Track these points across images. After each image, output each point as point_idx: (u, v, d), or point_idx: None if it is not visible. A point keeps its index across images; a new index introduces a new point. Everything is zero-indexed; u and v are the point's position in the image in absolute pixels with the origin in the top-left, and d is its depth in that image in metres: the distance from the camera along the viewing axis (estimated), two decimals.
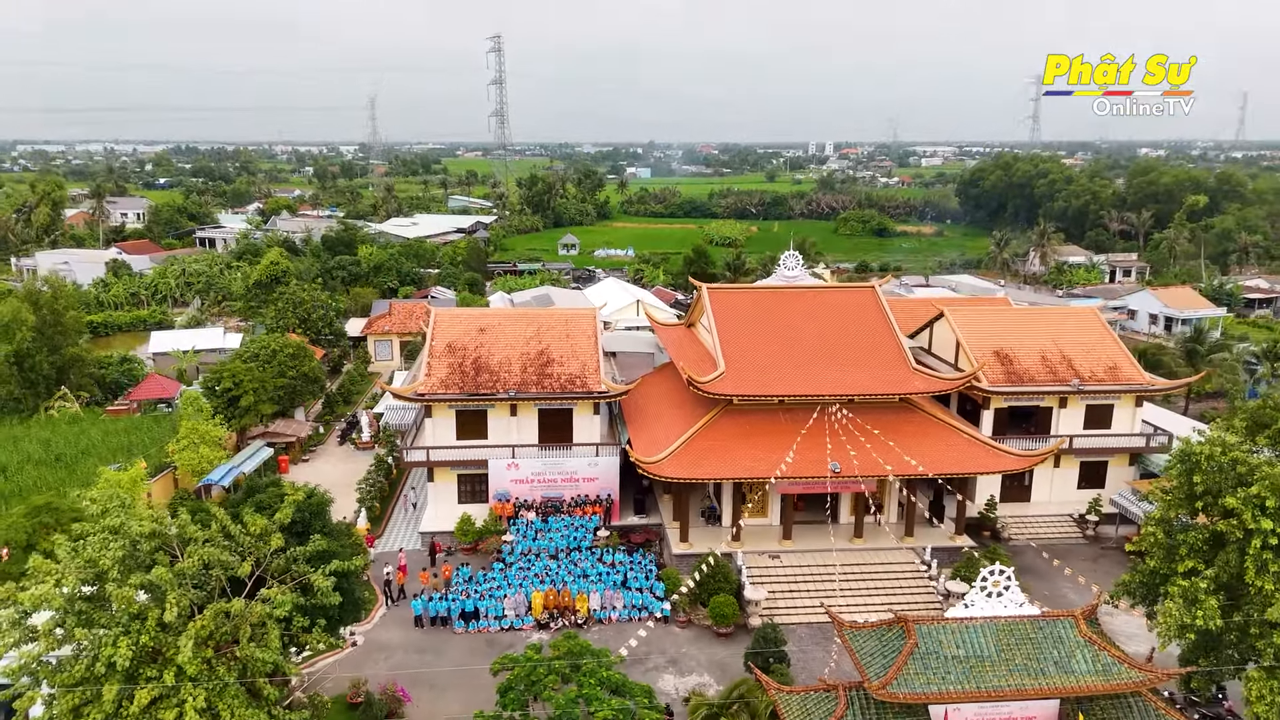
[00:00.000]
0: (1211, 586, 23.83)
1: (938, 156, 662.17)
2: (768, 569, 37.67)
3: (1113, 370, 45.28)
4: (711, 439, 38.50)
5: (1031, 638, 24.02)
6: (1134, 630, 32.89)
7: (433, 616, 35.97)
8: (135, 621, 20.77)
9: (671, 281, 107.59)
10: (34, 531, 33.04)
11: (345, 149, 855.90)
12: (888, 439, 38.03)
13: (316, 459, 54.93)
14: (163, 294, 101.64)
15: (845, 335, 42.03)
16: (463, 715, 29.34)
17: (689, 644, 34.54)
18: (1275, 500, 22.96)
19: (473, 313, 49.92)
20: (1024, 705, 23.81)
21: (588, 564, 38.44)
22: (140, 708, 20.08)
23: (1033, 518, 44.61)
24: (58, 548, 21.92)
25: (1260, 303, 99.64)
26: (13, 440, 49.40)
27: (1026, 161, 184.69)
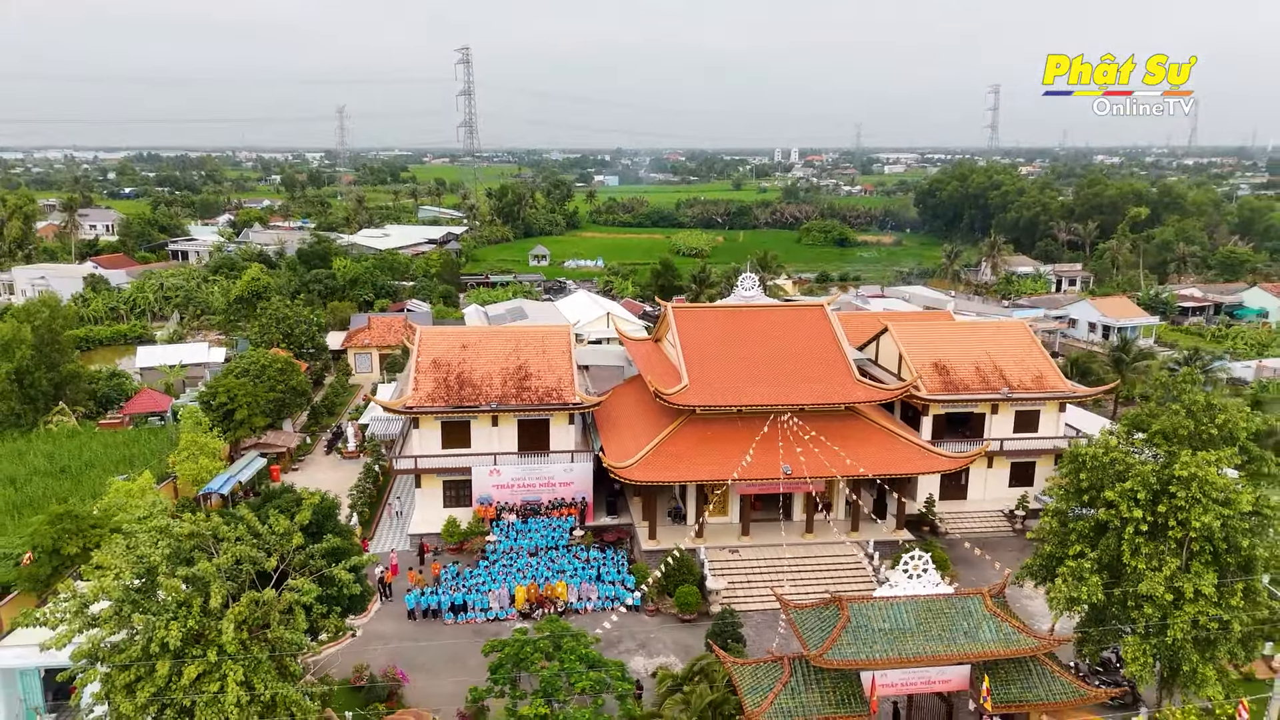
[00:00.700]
0: (1095, 566, 28.26)
1: (900, 163, 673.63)
2: (728, 562, 41.75)
3: (1039, 379, 50.03)
4: (676, 446, 42.53)
5: (945, 612, 28.31)
6: (1047, 610, 37.35)
7: (424, 610, 39.56)
8: (182, 608, 24.27)
9: (639, 293, 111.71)
10: (59, 537, 36.11)
11: (311, 156, 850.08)
12: (834, 444, 42.35)
13: (305, 468, 58.11)
14: (141, 308, 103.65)
15: (796, 350, 46.31)
16: (456, 693, 33.06)
17: (657, 629, 38.49)
18: (1145, 493, 27.41)
19: (455, 330, 53.56)
20: (940, 670, 28.06)
21: (565, 561, 42.28)
22: (189, 681, 23.60)
23: (968, 513, 49.14)
24: (113, 546, 25.31)
25: (1193, 311, 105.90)
26: (17, 454, 52.18)
27: (981, 173, 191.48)
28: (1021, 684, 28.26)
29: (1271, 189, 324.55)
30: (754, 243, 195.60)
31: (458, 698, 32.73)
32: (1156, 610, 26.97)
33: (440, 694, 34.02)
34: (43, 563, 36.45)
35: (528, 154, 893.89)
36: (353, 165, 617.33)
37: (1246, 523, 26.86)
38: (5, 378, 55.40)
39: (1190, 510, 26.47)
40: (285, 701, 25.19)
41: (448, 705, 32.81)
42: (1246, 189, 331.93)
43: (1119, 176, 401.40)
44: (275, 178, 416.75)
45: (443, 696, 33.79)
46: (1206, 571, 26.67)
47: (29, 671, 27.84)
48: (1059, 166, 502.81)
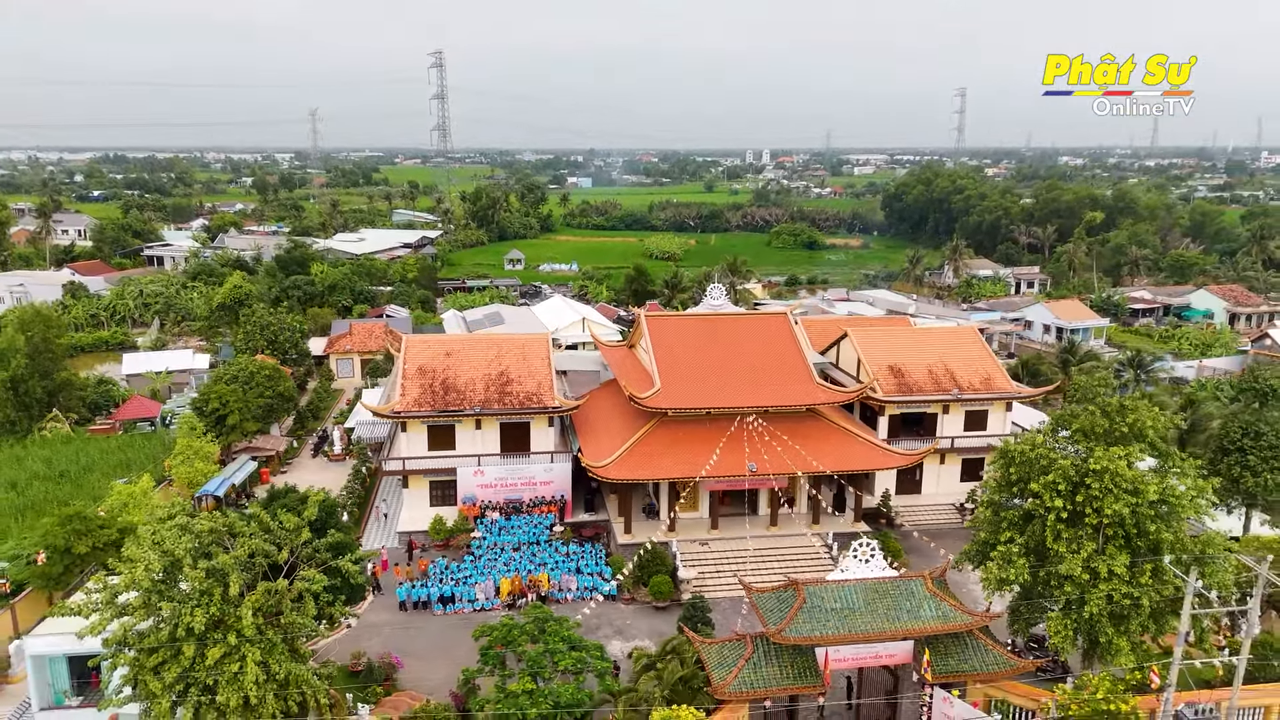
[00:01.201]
0: (1022, 551, 31.63)
1: (870, 165, 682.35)
2: (698, 553, 44.86)
3: (987, 381, 53.63)
4: (650, 446, 45.56)
5: (890, 593, 31.57)
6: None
7: (415, 602, 42.26)
8: (204, 597, 26.89)
9: (614, 298, 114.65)
10: (70, 537, 38.40)
11: (281, 157, 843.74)
12: (796, 443, 45.60)
13: (293, 470, 60.43)
14: (121, 315, 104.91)
15: (761, 355, 49.52)
16: (446, 676, 35.81)
17: (632, 616, 41.51)
18: (1065, 485, 30.79)
19: (439, 338, 56.22)
20: (886, 645, 31.27)
21: (546, 554, 45.16)
22: (213, 662, 26.25)
23: (923, 506, 52.62)
24: (141, 541, 27.83)
25: (1143, 312, 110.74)
26: (16, 459, 54.12)
27: (946, 177, 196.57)
28: (959, 656, 31.60)
29: (1228, 190, 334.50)
30: (725, 246, 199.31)
31: (449, 680, 35.46)
32: (1076, 589, 30.38)
33: (432, 678, 36.76)
34: (55, 562, 38.69)
35: (500, 154, 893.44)
36: (324, 166, 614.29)
37: (1154, 510, 30.33)
38: (1, 386, 57.24)
39: (1104, 499, 29.91)
40: (297, 680, 27.94)
41: (440, 687, 35.52)
42: (1204, 190, 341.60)
43: (1081, 179, 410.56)
44: (246, 180, 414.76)
45: (435, 680, 36.52)
46: (1119, 554, 30.11)
47: (57, 659, 30.27)
48: (1024, 168, 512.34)
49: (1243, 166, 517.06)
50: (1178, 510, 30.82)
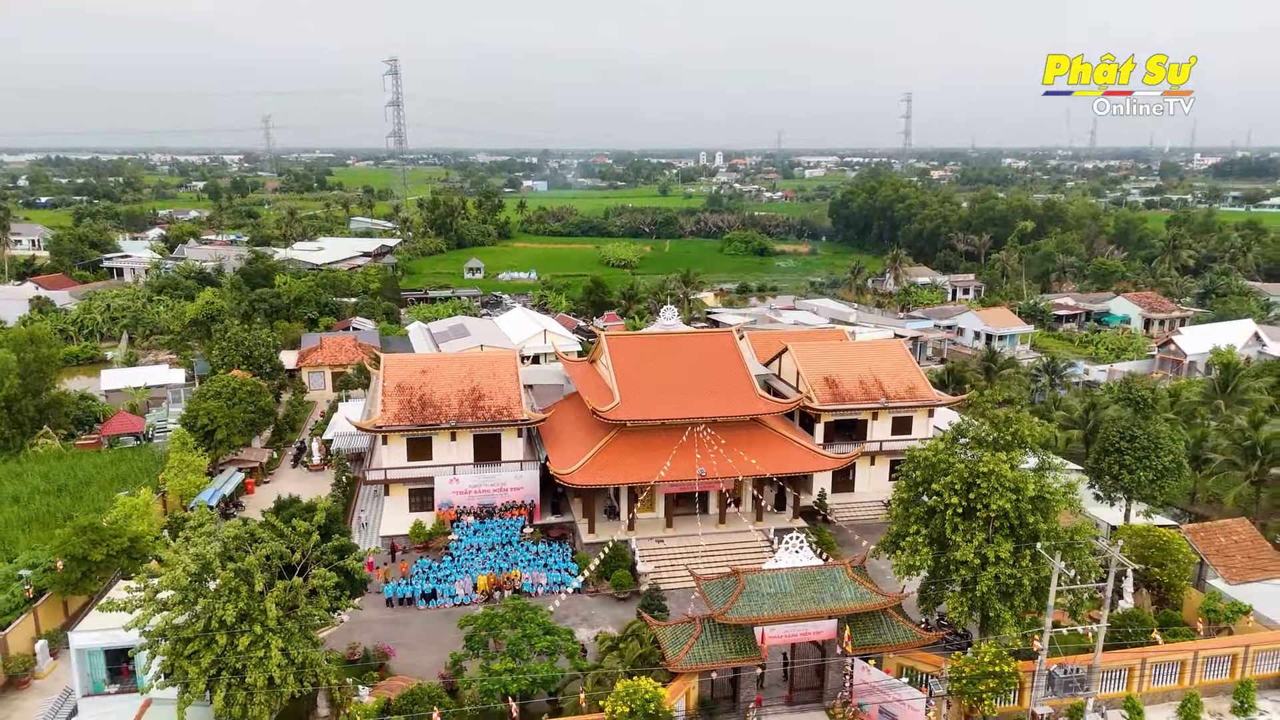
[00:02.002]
0: (926, 540, 37.45)
1: (820, 167, 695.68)
2: (654, 549, 50.19)
3: (911, 390, 59.79)
4: (610, 454, 50.77)
5: (817, 579, 37.21)
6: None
7: (400, 598, 46.95)
8: (233, 593, 31.46)
9: (573, 308, 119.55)
10: (86, 546, 42.42)
11: (230, 159, 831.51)
12: (741, 449, 51.18)
13: (276, 480, 64.49)
14: (89, 329, 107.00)
15: (709, 371, 55.04)
16: (433, 662, 40.61)
17: (596, 607, 46.68)
18: (960, 484, 36.64)
19: (416, 357, 60.81)
20: (814, 624, 36.86)
21: (518, 554, 50.13)
22: (243, 648, 30.86)
23: (855, 503, 58.55)
24: (174, 546, 32.24)
25: (1067, 318, 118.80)
26: (15, 475, 57.42)
27: (889, 186, 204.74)
28: (875, 631, 37.38)
29: (1158, 194, 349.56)
30: (679, 252, 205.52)
31: (436, 665, 40.30)
32: (969, 572, 36.26)
33: (421, 664, 41.54)
34: (72, 569, 42.70)
35: (454, 155, 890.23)
36: (275, 169, 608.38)
37: (1032, 505, 36.32)
38: None
39: (991, 496, 35.83)
40: (312, 663, 32.67)
41: (429, 672, 40.29)
42: (1136, 194, 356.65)
43: (1022, 181, 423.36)
44: (197, 184, 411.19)
45: (423, 666, 41.31)
46: (1004, 542, 36.04)
47: (95, 652, 34.50)
48: (969, 170, 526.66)
49: (1175, 169, 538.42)
50: (1053, 504, 36.87)
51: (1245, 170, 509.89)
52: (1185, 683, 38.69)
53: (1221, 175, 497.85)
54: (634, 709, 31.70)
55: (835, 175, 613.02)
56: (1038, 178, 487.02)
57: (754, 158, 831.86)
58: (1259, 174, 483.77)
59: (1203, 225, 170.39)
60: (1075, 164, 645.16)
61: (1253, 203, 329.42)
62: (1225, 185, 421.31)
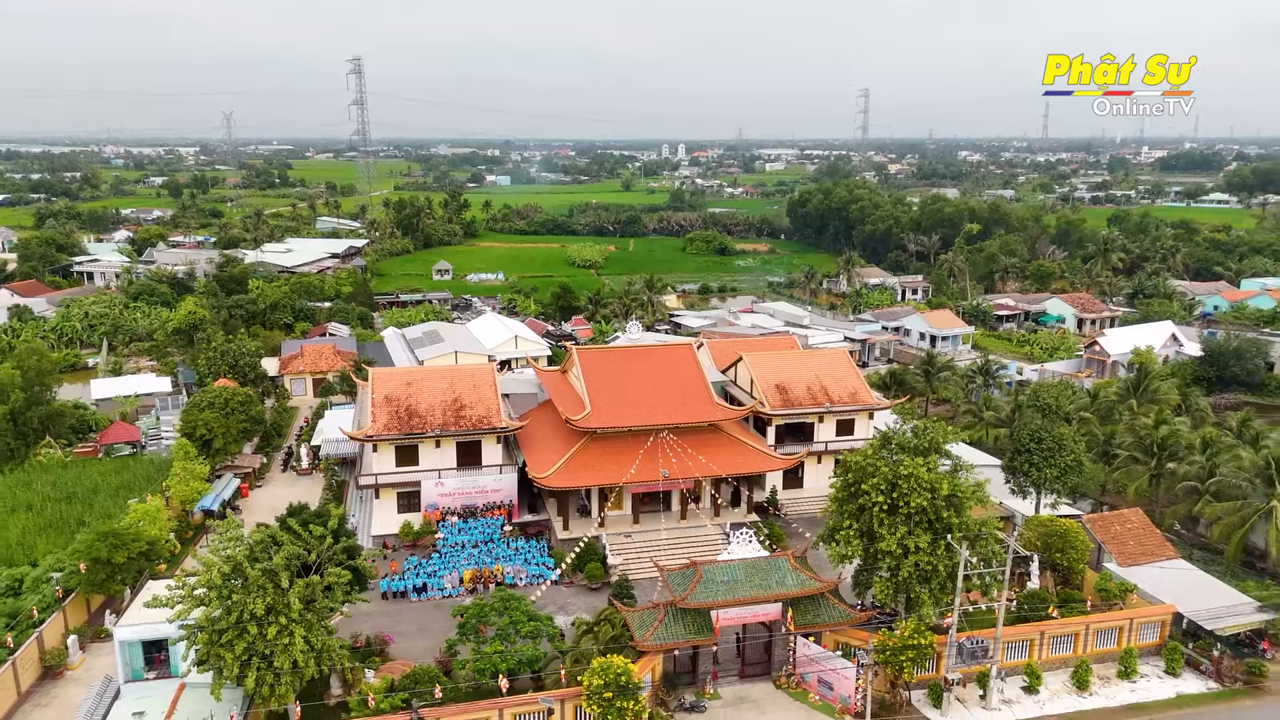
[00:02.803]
0: (858, 534, 43.49)
1: (781, 160, 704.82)
2: (623, 544, 55.78)
3: (854, 395, 65.96)
4: (583, 458, 56.22)
5: (764, 568, 43.08)
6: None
7: (394, 592, 52.00)
8: (261, 590, 36.43)
9: (541, 311, 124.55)
10: (109, 549, 46.91)
11: (186, 151, 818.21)
12: (700, 452, 56.92)
13: (268, 485, 68.98)
14: (69, 337, 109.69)
15: (670, 381, 60.67)
16: (427, 647, 45.73)
17: (571, 596, 52.16)
18: (885, 484, 42.61)
19: (402, 371, 65.65)
20: (762, 607, 42.70)
21: (499, 550, 55.43)
22: (271, 636, 35.88)
23: (804, 499, 64.59)
24: (211, 549, 37.13)
25: (1007, 318, 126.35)
26: (25, 484, 61.28)
27: (843, 187, 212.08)
28: (814, 612, 43.35)
29: (1104, 190, 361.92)
30: (643, 252, 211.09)
31: (430, 650, 45.49)
32: (893, 560, 42.32)
33: (416, 649, 46.67)
34: (96, 570, 47.23)
35: (414, 148, 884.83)
36: (233, 162, 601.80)
37: (946, 501, 42.45)
38: (2, 418, 64.25)
39: (911, 495, 41.91)
40: (329, 649, 37.78)
41: (424, 655, 45.45)
42: (1083, 190, 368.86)
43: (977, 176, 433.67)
44: (155, 180, 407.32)
45: (418, 650, 46.44)
46: (923, 534, 42.12)
47: (134, 643, 39.26)
48: (925, 164, 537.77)
49: (1124, 163, 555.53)
50: (964, 501, 43.07)
51: (1190, 164, 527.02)
52: (1078, 652, 45.26)
53: (1167, 169, 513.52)
54: (608, 682, 37.26)
55: (795, 169, 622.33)
56: (991, 172, 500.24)
57: (716, 150, 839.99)
58: (1202, 167, 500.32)
59: (1138, 226, 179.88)
60: (1028, 157, 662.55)
61: (1192, 198, 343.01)
62: (1170, 179, 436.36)
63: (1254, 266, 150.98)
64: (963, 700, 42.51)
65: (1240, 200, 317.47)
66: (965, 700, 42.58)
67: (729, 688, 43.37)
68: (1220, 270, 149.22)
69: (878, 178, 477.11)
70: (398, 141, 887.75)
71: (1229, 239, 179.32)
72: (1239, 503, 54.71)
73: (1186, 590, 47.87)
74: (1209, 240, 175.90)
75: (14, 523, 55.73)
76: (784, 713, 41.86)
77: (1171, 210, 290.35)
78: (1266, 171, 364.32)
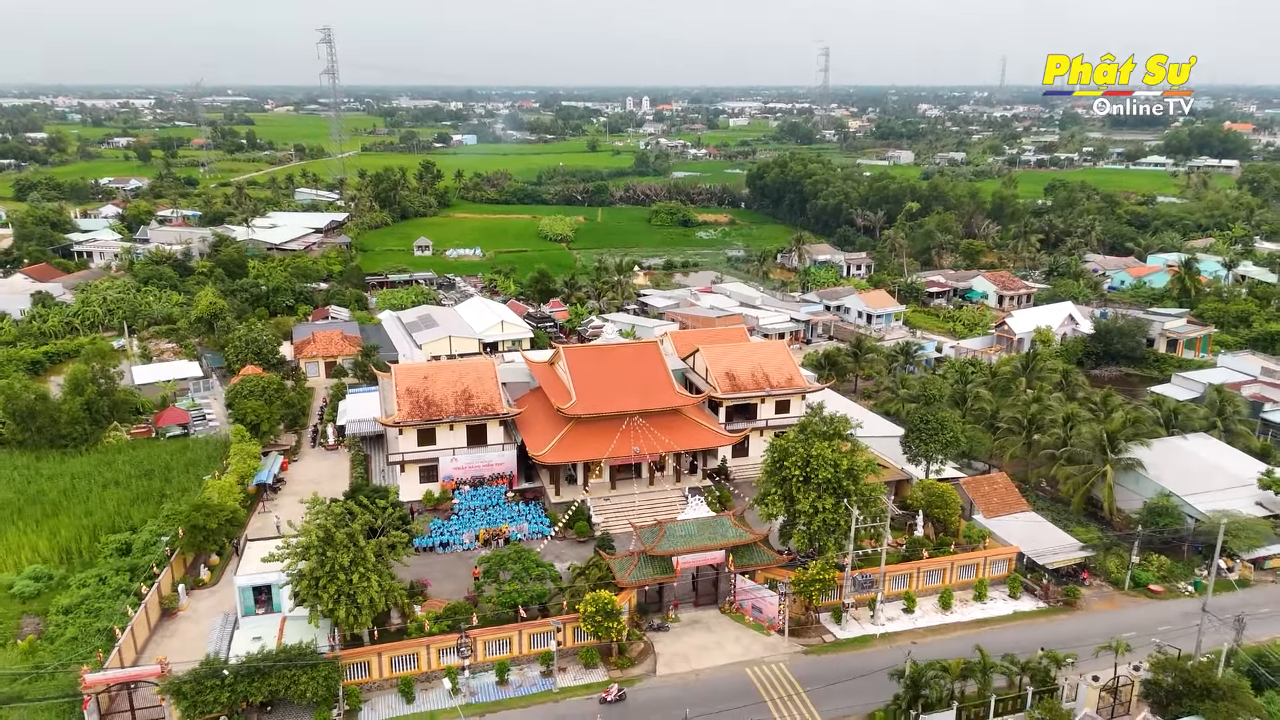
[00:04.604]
0: (781, 498, 58.14)
1: (744, 115, 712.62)
2: (604, 506, 70.15)
3: (789, 380, 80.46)
4: (570, 439, 70.22)
5: (711, 524, 57.71)
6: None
7: (424, 547, 65.98)
8: (345, 548, 50.14)
9: (521, 293, 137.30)
10: (203, 517, 60.21)
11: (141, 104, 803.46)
12: (663, 433, 71.20)
13: (303, 459, 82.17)
14: (91, 321, 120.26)
15: (639, 374, 74.63)
16: (456, 589, 59.80)
17: (565, 549, 66.51)
18: (800, 461, 57.11)
19: (419, 366, 78.79)
20: (710, 553, 57.36)
21: (504, 512, 69.54)
22: (355, 581, 49.75)
23: (749, 466, 79.10)
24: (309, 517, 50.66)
25: (938, 294, 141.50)
26: (106, 463, 73.84)
27: (798, 162, 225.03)
28: (749, 557, 58.16)
29: (1049, 154, 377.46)
30: (611, 223, 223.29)
31: (458, 591, 59.48)
32: (807, 518, 57.14)
33: (446, 590, 60.66)
34: (194, 534, 60.66)
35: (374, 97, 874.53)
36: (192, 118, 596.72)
37: (845, 474, 57.12)
38: (79, 408, 76.57)
39: (819, 470, 56.56)
40: (393, 590, 51.82)
41: (453, 595, 59.56)
42: (1031, 152, 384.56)
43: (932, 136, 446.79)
44: (119, 140, 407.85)
45: (448, 591, 60.44)
46: (829, 498, 56.83)
47: (247, 588, 52.94)
48: (884, 122, 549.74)
49: (1076, 118, 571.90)
50: (859, 472, 57.88)
51: (1138, 121, 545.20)
52: (945, 582, 60.69)
53: (1116, 125, 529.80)
54: (598, 609, 51.74)
55: (758, 124, 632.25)
56: (947, 130, 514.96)
57: (680, 102, 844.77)
58: (1150, 124, 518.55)
59: (1066, 200, 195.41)
60: (984, 112, 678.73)
61: (1132, 160, 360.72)
62: (1117, 136, 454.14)
63: (1162, 242, 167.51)
64: (857, 619, 57.83)
65: (1176, 162, 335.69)
66: (859, 619, 57.90)
67: (686, 613, 58.20)
68: (1131, 246, 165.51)
69: (838, 136, 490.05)
70: (355, 90, 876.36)
71: (1147, 211, 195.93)
72: (1083, 466, 70.45)
73: (1030, 536, 63.56)
74: (1129, 213, 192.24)
75: (109, 496, 68.66)
76: (727, 631, 56.82)
77: (1109, 174, 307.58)
78: (1203, 135, 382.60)
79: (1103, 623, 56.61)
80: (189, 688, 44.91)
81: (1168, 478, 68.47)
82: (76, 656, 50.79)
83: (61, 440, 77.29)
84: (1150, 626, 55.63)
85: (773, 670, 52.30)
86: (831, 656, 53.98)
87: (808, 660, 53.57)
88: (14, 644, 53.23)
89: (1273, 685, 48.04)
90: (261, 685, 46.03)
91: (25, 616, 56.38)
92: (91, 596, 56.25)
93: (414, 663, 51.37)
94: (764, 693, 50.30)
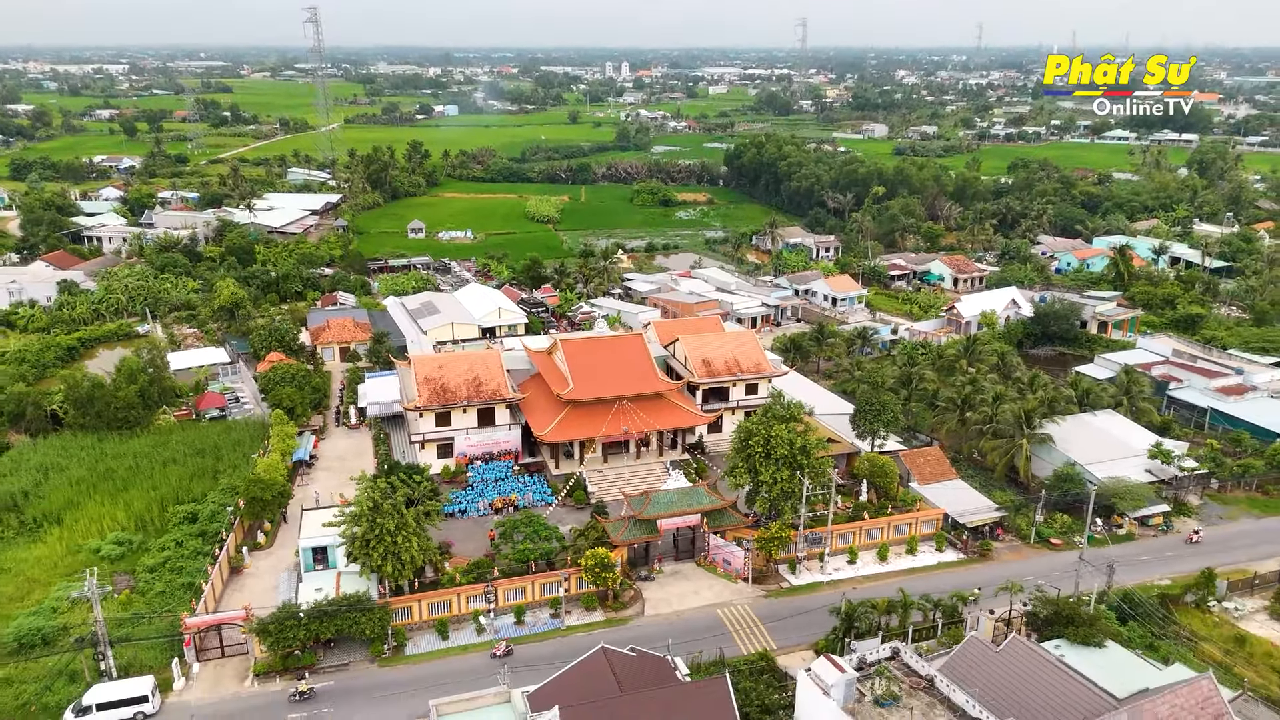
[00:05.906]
0: (746, 470, 69.93)
1: (723, 83, 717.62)
2: (598, 477, 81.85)
3: (757, 366, 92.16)
4: (569, 420, 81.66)
5: (689, 493, 69.59)
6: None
7: (445, 513, 77.40)
8: (389, 516, 61.47)
9: (514, 278, 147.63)
10: (260, 490, 71.26)
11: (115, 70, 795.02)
12: (648, 414, 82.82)
13: (331, 438, 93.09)
14: (115, 308, 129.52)
15: (627, 363, 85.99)
16: (475, 548, 71.38)
17: (566, 514, 78.23)
18: (762, 440, 68.83)
19: (434, 357, 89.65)
20: (688, 517, 69.23)
21: (511, 484, 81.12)
22: (400, 543, 61.20)
23: (723, 441, 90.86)
24: (360, 492, 61.87)
25: (899, 277, 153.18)
26: (162, 444, 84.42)
27: (773, 144, 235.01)
28: (720, 519, 70.12)
29: (1018, 127, 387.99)
30: (595, 203, 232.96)
31: (477, 550, 70.94)
32: (768, 487, 69.10)
33: (467, 549, 72.24)
34: (253, 505, 71.83)
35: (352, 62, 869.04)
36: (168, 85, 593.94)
37: (799, 451, 68.93)
38: (134, 393, 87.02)
39: (777, 448, 68.40)
40: (428, 550, 63.39)
41: (475, 554, 71.24)
42: (1001, 125, 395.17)
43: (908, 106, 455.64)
44: (101, 113, 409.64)
45: (468, 550, 72.01)
46: (785, 470, 68.74)
47: (308, 549, 64.32)
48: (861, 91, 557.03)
49: (1051, 86, 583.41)
50: (811, 449, 69.78)
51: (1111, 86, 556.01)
52: (883, 539, 73.01)
53: None
54: (596, 563, 63.56)
55: (737, 92, 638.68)
56: (923, 99, 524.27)
57: (660, 67, 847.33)
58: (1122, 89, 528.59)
59: (1025, 181, 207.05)
60: (960, 79, 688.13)
61: (1097, 134, 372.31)
62: (1084, 108, 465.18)
63: (1109, 225, 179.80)
64: (809, 569, 70.11)
65: (1139, 136, 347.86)
66: (810, 569, 70.19)
67: (669, 566, 70.25)
68: (1079, 229, 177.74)
69: (815, 107, 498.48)
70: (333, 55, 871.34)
71: (1099, 192, 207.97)
72: (1005, 440, 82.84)
73: (955, 499, 76.00)
74: (1083, 194, 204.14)
75: (170, 473, 79.49)
76: (702, 580, 68.90)
77: (1072, 150, 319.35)
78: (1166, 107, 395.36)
79: (1009, 570, 69.11)
80: (274, 626, 56.42)
81: (1074, 449, 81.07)
82: (168, 606, 62.08)
83: (117, 423, 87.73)
84: (1047, 573, 68.17)
85: (739, 610, 64.52)
86: (787, 599, 66.25)
87: (767, 602, 65.82)
88: (112, 597, 64.39)
89: (1133, 617, 60.81)
90: (329, 625, 57.63)
91: (116, 575, 67.48)
92: (172, 557, 67.36)
93: (447, 608, 63.08)
94: (732, 628, 62.52)
